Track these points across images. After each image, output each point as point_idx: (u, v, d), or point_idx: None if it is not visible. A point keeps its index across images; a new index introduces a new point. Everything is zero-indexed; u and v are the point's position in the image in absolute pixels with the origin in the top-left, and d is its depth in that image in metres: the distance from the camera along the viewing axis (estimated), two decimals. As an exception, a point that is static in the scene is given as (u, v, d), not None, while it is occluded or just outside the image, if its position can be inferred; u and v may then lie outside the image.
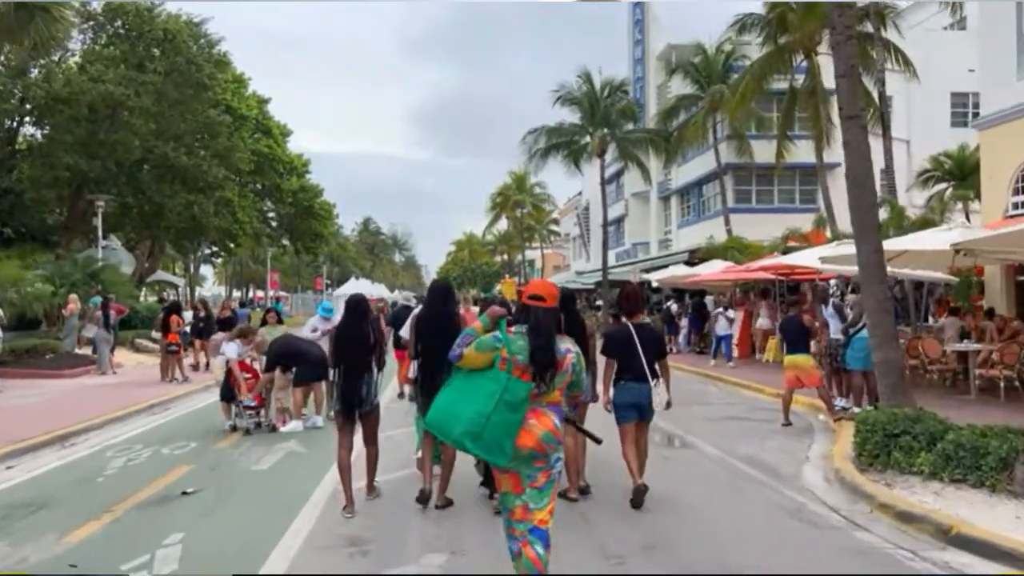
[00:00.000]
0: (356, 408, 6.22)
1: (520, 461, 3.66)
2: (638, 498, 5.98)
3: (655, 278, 25.97)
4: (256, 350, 10.62)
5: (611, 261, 34.44)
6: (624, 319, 6.46)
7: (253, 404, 9.98)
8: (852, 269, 15.90)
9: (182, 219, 29.31)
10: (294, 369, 10.14)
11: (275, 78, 77.67)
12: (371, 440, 6.44)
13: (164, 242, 34.30)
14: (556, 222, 68.21)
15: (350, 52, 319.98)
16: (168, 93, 26.74)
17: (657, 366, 6.22)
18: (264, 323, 11.09)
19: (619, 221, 44.91)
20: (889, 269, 14.32)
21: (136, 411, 11.92)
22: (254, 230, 40.89)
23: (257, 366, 10.53)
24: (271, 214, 45.99)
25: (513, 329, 3.82)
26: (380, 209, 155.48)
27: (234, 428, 9.97)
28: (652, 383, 6.13)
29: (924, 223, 17.84)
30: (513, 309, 4.49)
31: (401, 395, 8.85)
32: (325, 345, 10.76)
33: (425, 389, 5.99)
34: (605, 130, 31.52)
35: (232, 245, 44.08)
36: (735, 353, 20.09)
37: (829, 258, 14.48)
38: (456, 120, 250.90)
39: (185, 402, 13.30)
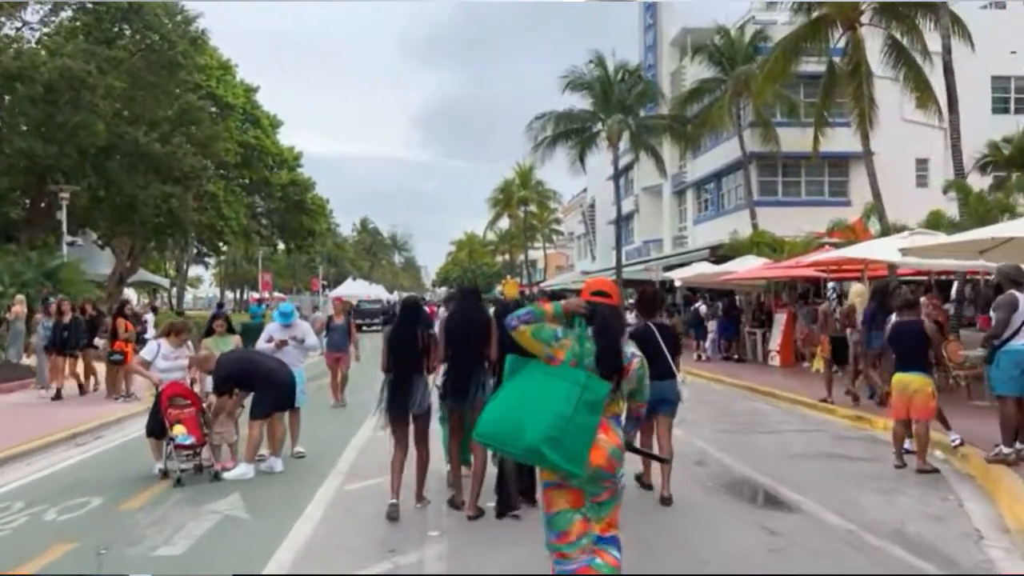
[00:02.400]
0: (409, 411, 6.08)
1: (587, 479, 3.39)
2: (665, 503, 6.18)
3: (677, 276, 23.54)
4: (200, 368, 8.11)
5: (621, 260, 32.01)
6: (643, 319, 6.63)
7: (190, 442, 7.43)
8: (941, 263, 13.51)
9: (158, 213, 26.77)
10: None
11: (276, 79, 75.06)
12: (422, 443, 6.22)
13: (142, 239, 31.69)
14: (559, 221, 65.75)
15: (352, 54, 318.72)
16: (140, 74, 24.19)
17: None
18: (209, 333, 8.52)
19: (629, 218, 42.43)
20: (981, 263, 11.99)
21: (54, 442, 9.37)
22: (242, 227, 38.25)
23: (198, 389, 8.05)
24: (261, 210, 43.31)
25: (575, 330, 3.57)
26: (380, 210, 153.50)
27: (165, 474, 7.45)
28: (678, 377, 6.42)
29: (1005, 209, 15.32)
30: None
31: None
32: (288, 357, 8.38)
33: (454, 392, 6.03)
34: (620, 116, 28.93)
35: (220, 243, 41.58)
36: (776, 361, 17.77)
37: (910, 250, 11.98)
38: (457, 122, 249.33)
39: (122, 428, 10.68)
